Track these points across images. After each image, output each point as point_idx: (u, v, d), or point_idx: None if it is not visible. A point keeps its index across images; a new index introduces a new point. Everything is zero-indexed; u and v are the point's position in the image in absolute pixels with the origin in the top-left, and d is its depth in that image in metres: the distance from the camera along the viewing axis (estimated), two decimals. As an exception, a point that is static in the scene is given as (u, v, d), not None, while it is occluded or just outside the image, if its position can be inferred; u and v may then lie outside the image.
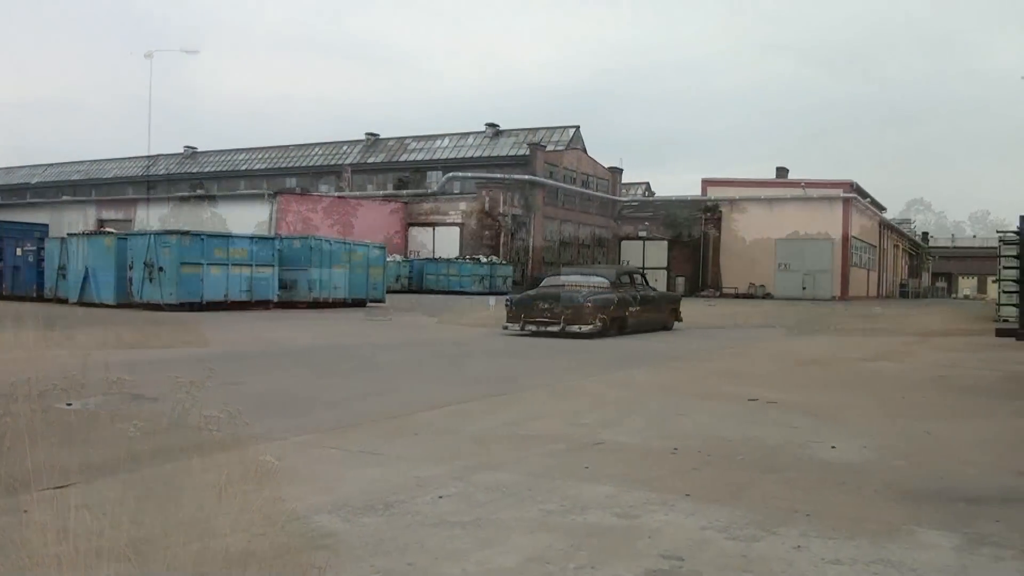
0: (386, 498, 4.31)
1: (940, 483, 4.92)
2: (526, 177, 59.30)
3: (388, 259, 36.13)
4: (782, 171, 72.50)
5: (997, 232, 25.84)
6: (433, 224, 59.49)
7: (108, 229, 29.17)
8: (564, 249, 65.14)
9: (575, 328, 16.09)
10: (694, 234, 68.25)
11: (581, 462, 5.25)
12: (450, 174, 62.20)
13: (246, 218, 46.40)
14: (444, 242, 58.03)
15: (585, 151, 68.82)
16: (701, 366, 11.69)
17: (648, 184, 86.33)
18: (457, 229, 58.40)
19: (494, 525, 3.91)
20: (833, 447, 5.84)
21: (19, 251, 28.58)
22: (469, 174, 61.64)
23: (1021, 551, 3.67)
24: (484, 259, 52.60)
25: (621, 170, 73.77)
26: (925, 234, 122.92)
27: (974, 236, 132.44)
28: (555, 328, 16.24)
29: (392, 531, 3.80)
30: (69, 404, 6.99)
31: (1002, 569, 3.46)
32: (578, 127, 68.36)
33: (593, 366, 11.36)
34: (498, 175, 59.76)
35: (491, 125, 67.76)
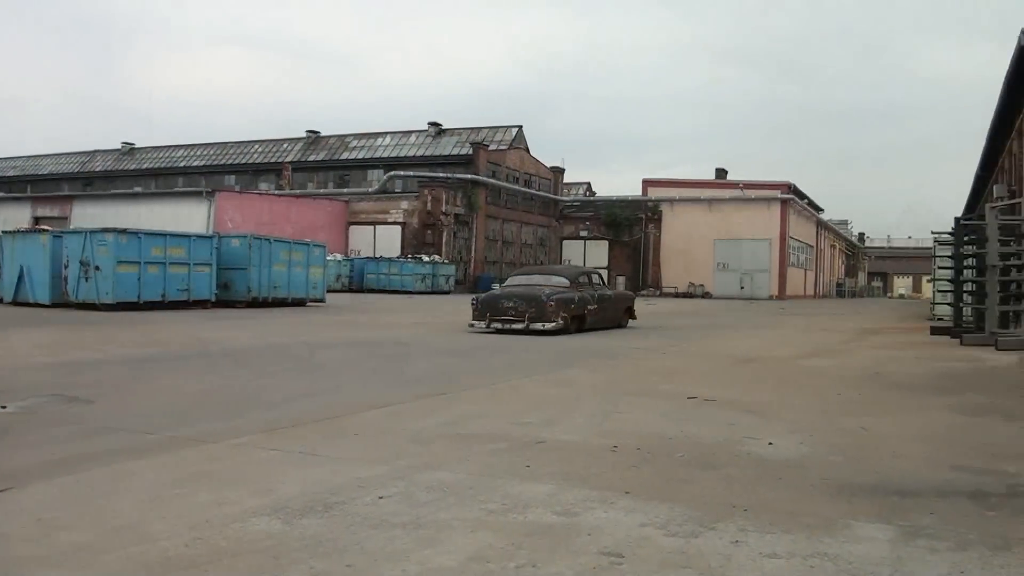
0: (326, 499, 4.27)
1: (875, 477, 5.01)
2: (468, 176, 59.27)
3: (329, 258, 35.83)
4: (721, 172, 73.48)
5: (932, 233, 26.43)
6: (374, 223, 59.14)
7: (43, 227, 28.45)
8: (506, 248, 65.25)
9: (539, 326, 16.87)
10: (634, 234, 68.87)
11: (522, 461, 5.26)
12: (392, 173, 61.93)
13: (184, 216, 45.67)
14: (385, 241, 57.73)
15: (528, 151, 68.96)
16: (641, 364, 11.78)
17: (589, 184, 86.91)
18: (399, 228, 58.15)
19: (435, 525, 3.89)
20: (770, 443, 5.92)
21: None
22: (411, 173, 61.45)
23: (955, 543, 3.75)
24: (426, 258, 52.46)
25: (563, 170, 74.10)
26: (861, 234, 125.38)
27: (909, 237, 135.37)
28: (520, 326, 17.01)
29: (332, 533, 3.76)
30: (3, 407, 6.83)
31: (937, 560, 3.53)
32: (521, 127, 68.49)
33: (536, 365, 11.39)
34: (440, 174, 59.63)
35: (434, 124, 67.54)
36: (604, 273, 69.24)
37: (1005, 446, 6.03)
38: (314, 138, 71.79)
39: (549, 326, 16.88)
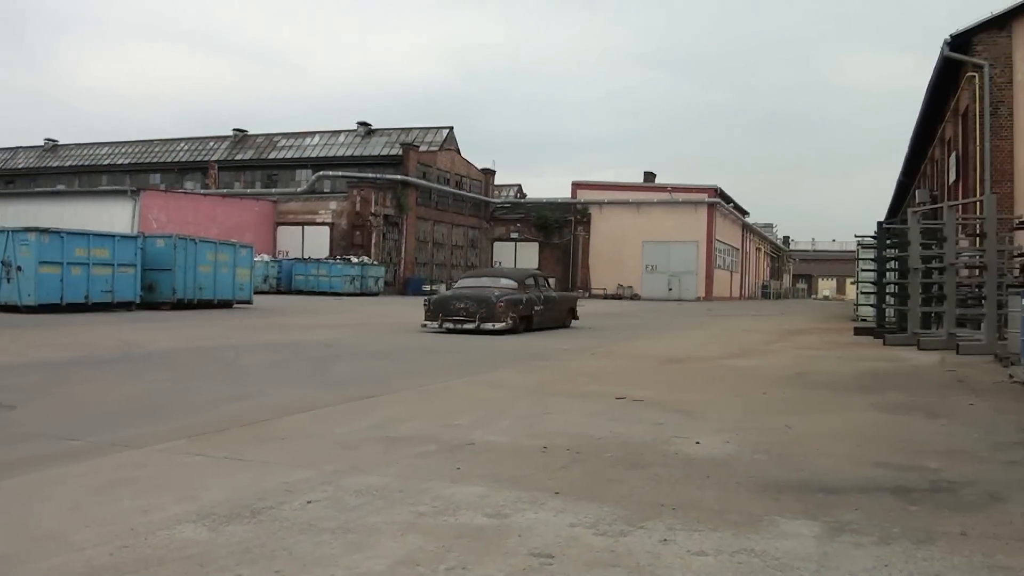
0: (253, 505, 4.19)
1: (800, 475, 5.10)
2: (398, 177, 58.98)
3: (256, 259, 35.35)
4: (649, 176, 74.34)
5: (856, 236, 27.12)
6: (302, 224, 58.52)
7: (-37, 226, 27.53)
8: (437, 250, 65.09)
9: (489, 326, 17.70)
10: (564, 236, 69.32)
11: (452, 463, 5.23)
12: (320, 173, 61.31)
13: (108, 216, 44.63)
14: (314, 242, 57.16)
15: (459, 152, 68.89)
16: (571, 365, 11.84)
17: (520, 186, 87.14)
18: (327, 229, 57.61)
19: (364, 529, 3.85)
20: (697, 442, 5.99)
21: None
22: (340, 173, 60.90)
23: (879, 537, 3.83)
24: (355, 259, 52.08)
25: (494, 172, 74.23)
26: (786, 237, 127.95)
27: (833, 240, 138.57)
28: (471, 326, 17.82)
29: (259, 539, 3.70)
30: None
31: (861, 555, 3.60)
32: (451, 128, 68.39)
33: (466, 366, 11.36)
34: (370, 175, 59.25)
35: (363, 124, 67.07)
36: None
37: (927, 443, 6.18)
38: (241, 137, 70.73)
39: (499, 326, 17.70)
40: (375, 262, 54.19)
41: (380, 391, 8.63)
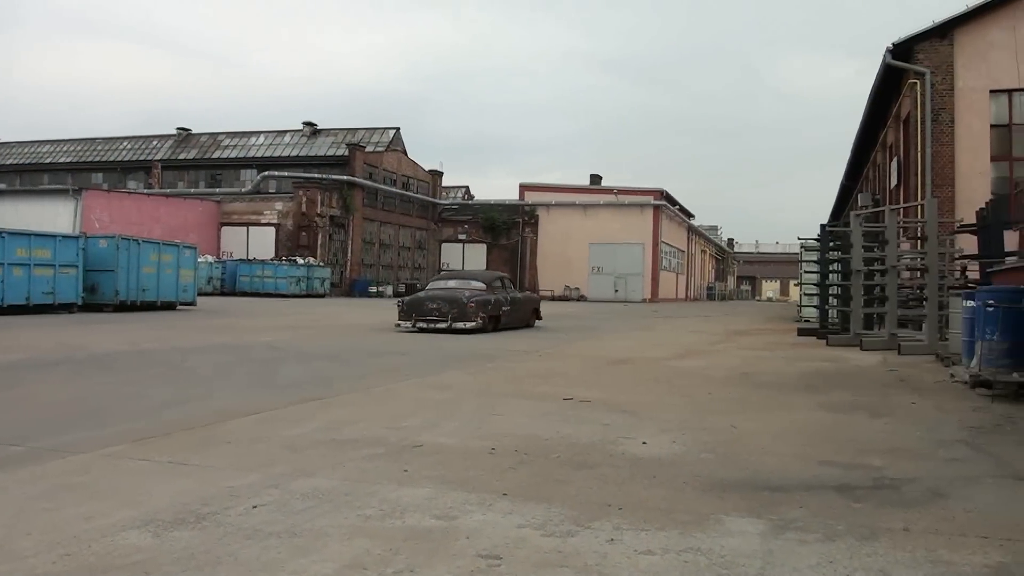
0: (197, 510, 4.13)
1: (746, 474, 5.17)
2: (345, 178, 58.61)
3: (200, 260, 34.92)
4: (596, 178, 74.80)
5: (799, 239, 27.52)
6: (247, 224, 57.87)
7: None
8: (384, 251, 64.80)
9: (461, 325, 18.74)
10: (512, 237, 69.45)
11: (400, 465, 5.21)
12: (265, 173, 60.71)
13: (50, 215, 43.78)
14: (259, 243, 56.55)
15: (405, 153, 68.68)
16: (519, 366, 11.86)
17: (468, 188, 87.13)
18: (272, 230, 57.05)
19: (311, 533, 3.82)
20: (644, 443, 6.04)
21: None
22: (286, 173, 60.36)
23: (824, 534, 3.89)
24: (301, 261, 51.66)
25: (441, 173, 74.17)
26: (731, 240, 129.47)
27: (777, 243, 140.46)
28: (443, 325, 18.84)
29: (204, 544, 3.65)
30: None
31: (806, 552, 3.66)
32: (398, 129, 68.17)
33: (414, 368, 11.32)
34: (316, 175, 58.79)
35: (309, 124, 66.54)
36: (482, 276, 69.40)
37: (870, 441, 6.29)
38: (185, 136, 69.76)
39: (470, 325, 18.77)
40: (321, 263, 53.81)
41: (327, 394, 8.56)
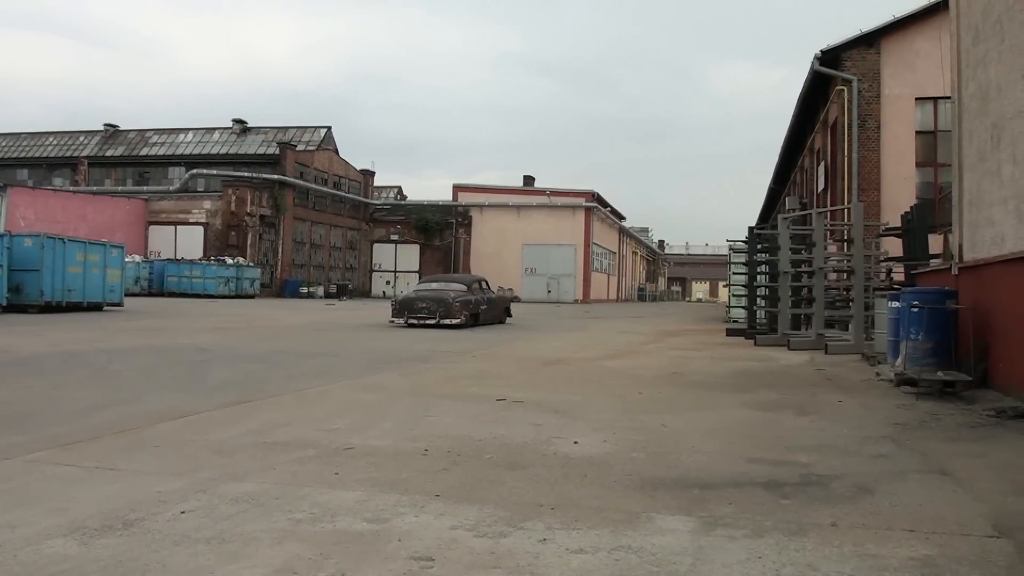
0: (125, 517, 4.05)
1: (676, 472, 5.23)
2: (275, 177, 57.95)
3: (127, 260, 34.21)
4: (529, 179, 75.08)
5: (728, 241, 27.83)
6: (176, 223, 56.88)
7: None
8: (315, 251, 64.19)
9: (447, 321, 21.80)
10: (445, 238, 69.39)
11: (331, 468, 5.17)
12: (194, 171, 59.70)
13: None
14: (187, 243, 55.61)
15: (337, 152, 68.17)
16: (452, 367, 11.84)
17: (400, 188, 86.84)
18: (201, 229, 56.14)
19: (240, 538, 3.77)
20: (576, 442, 6.08)
21: None
22: (215, 171, 59.45)
23: (752, 530, 3.96)
24: (230, 261, 50.91)
25: (373, 173, 73.79)
26: (661, 242, 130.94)
27: (706, 244, 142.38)
28: (432, 322, 21.88)
29: (132, 552, 3.57)
30: None
31: (734, 548, 3.72)
32: (330, 128, 67.63)
33: (345, 370, 11.23)
34: (246, 173, 58.03)
35: (238, 121, 65.62)
36: (415, 277, 69.54)
37: (797, 439, 6.42)
38: (112, 132, 68.26)
39: (455, 322, 21.82)
40: (251, 263, 53.12)
41: (257, 396, 8.45)
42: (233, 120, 65.78)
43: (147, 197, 58.19)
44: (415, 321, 21.95)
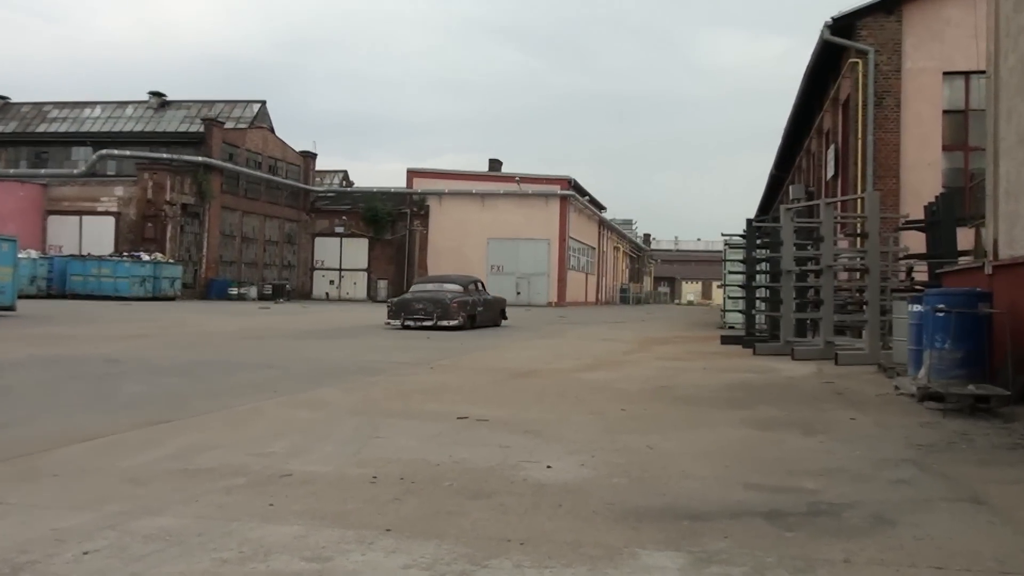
0: (15, 559, 3.98)
1: (663, 500, 5.24)
2: (200, 159, 57.54)
3: (21, 256, 33.73)
4: (496, 164, 75.21)
5: (723, 235, 27.92)
6: (80, 213, 56.34)
7: None
8: (247, 246, 63.87)
9: (445, 323, 24.41)
10: (398, 231, 69.37)
11: (264, 499, 5.13)
12: (103, 152, 59.01)
13: None
14: (95, 236, 55.12)
15: (273, 131, 67.90)
16: (406, 380, 11.81)
17: (346, 173, 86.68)
18: (112, 220, 55.67)
19: (155, 580, 3.73)
20: (549, 467, 6.08)
21: None
22: (128, 152, 58.85)
23: (752, 568, 3.97)
24: (147, 257, 50.48)
25: (315, 155, 73.56)
26: (647, 236, 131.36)
27: (698, 239, 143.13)
28: (429, 323, 24.49)
29: (21, 598, 3.52)
30: None
31: (729, 589, 3.73)
32: (264, 103, 67.36)
33: (282, 383, 11.17)
34: (165, 155, 57.60)
35: (156, 94, 65.15)
36: (363, 276, 69.50)
37: (803, 461, 6.46)
38: (2, 105, 67.39)
39: (453, 323, 24.48)
40: (171, 260, 52.70)
41: (178, 415, 8.38)
42: (150, 93, 65.24)
43: (46, 182, 57.52)
44: (412, 323, 24.65)
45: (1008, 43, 10.34)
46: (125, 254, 51.16)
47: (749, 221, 22.22)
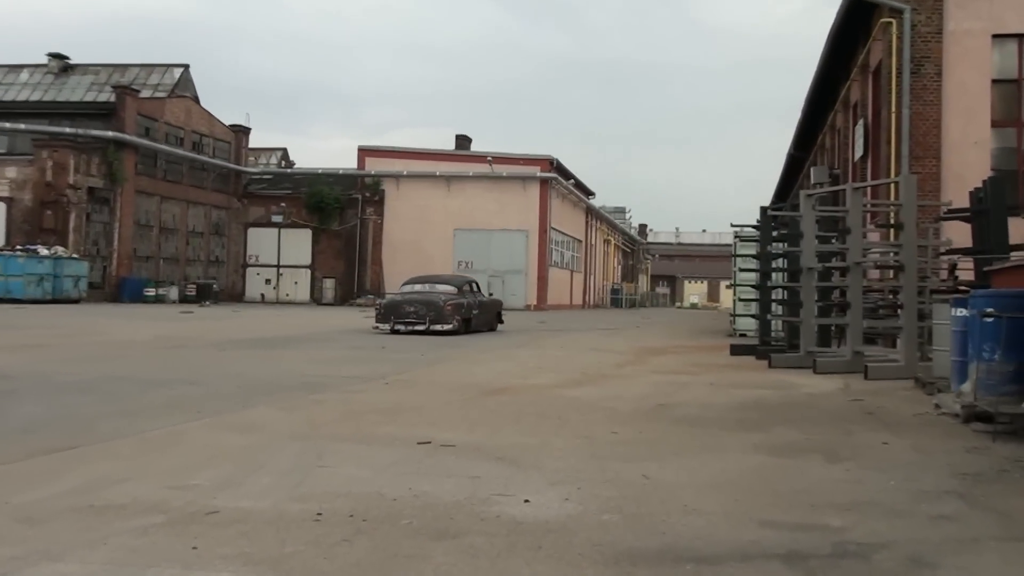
0: None
1: (662, 540, 5.25)
2: (110, 134, 57.28)
3: None
4: (464, 141, 75.24)
5: (733, 226, 27.83)
6: (-35, 199, 55.84)
7: None
8: (166, 238, 63.69)
9: (438, 327, 26.27)
10: (348, 220, 69.30)
11: (186, 541, 5.10)
12: (-8, 125, 58.63)
13: None
14: (-18, 226, 54.68)
15: (197, 101, 67.75)
16: (355, 399, 11.79)
17: (286, 151, 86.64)
18: (3, 207, 55.29)
19: (54, 639, 3.70)
20: (527, 501, 6.07)
21: None
22: (22, 126, 58.50)
23: (763, 623, 3.98)
24: (45, 251, 50.15)
25: (248, 130, 73.40)
26: (643, 226, 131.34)
27: (704, 231, 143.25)
28: (421, 327, 26.30)
29: None
30: None
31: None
32: (187, 67, 67.15)
33: (207, 402, 11.13)
34: (67, 129, 57.29)
35: (57, 56, 64.75)
36: (306, 274, 69.37)
37: (826, 493, 6.48)
38: None
39: (447, 327, 26.35)
40: (75, 255, 52.44)
41: (82, 440, 8.33)
42: (49, 55, 64.82)
43: (-76, 162, 57.14)
44: (402, 327, 26.55)
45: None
46: (19, 248, 50.80)
47: (763, 209, 22.23)
